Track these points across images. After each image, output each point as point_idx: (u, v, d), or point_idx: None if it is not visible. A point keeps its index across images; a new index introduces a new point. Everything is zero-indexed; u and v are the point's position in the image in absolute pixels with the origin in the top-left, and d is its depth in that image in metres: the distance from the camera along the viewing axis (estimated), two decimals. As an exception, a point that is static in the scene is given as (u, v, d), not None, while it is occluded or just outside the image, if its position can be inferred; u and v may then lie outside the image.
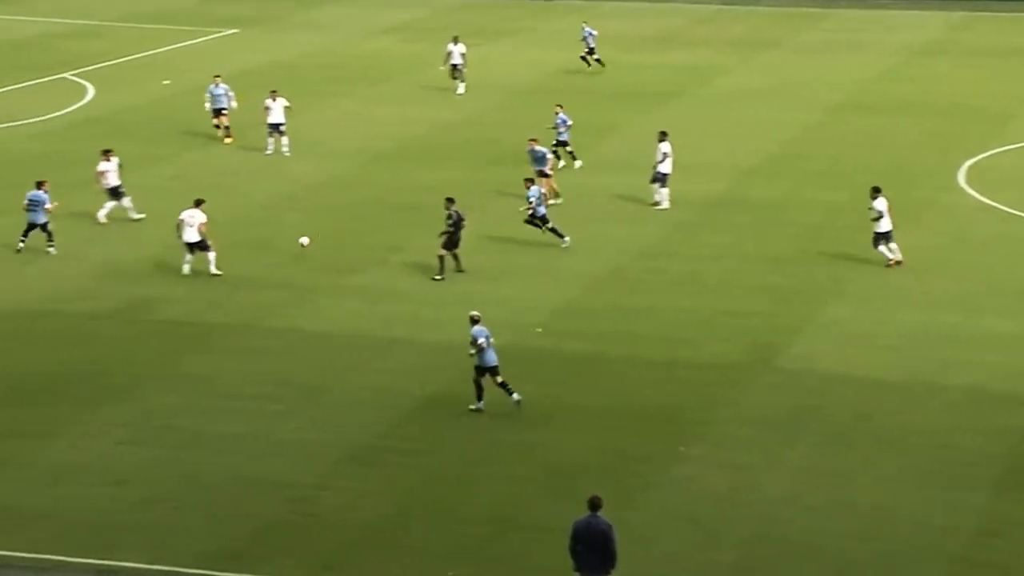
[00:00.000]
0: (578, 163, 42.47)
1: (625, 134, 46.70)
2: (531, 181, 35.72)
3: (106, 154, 37.92)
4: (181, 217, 33.34)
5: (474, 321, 26.62)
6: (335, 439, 25.37)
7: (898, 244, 34.01)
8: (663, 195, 38.95)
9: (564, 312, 31.63)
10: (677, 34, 65.57)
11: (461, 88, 51.94)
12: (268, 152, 43.42)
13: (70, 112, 48.93)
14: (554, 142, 41.87)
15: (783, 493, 23.70)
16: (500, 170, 42.11)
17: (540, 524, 22.46)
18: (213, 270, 33.10)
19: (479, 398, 26.40)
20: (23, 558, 21.36)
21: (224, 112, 44.95)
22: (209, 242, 33.10)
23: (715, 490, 23.76)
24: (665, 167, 38.94)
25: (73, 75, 54.58)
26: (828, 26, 66.64)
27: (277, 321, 30.79)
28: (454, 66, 52.16)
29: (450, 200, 33.14)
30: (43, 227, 34.85)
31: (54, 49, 59.65)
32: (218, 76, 45.86)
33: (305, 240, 33.41)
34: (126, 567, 21.25)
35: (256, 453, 24.80)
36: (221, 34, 63.73)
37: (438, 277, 32.69)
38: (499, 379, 26.42)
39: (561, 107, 42.80)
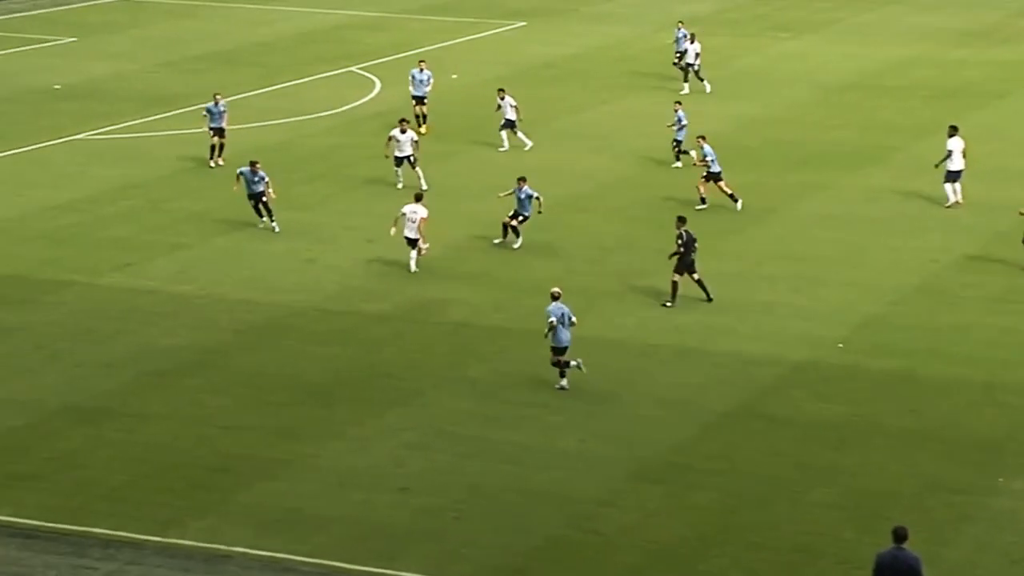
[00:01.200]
0: (677, 164, 42.25)
1: (944, 135, 45.38)
2: (523, 180, 35.40)
3: (401, 123, 39.92)
4: (403, 211, 33.97)
5: (554, 297, 27.64)
6: (623, 454, 25.41)
7: None
8: (955, 191, 38.17)
9: (870, 326, 30.96)
10: (999, 28, 63.44)
11: (686, 88, 51.21)
12: (502, 149, 43.94)
13: (357, 107, 50.44)
14: (673, 141, 41.98)
15: (1117, 536, 22.62)
16: (805, 172, 41.59)
17: (843, 555, 22.02)
18: (413, 267, 33.78)
19: (562, 375, 27.47)
20: (307, 563, 22.04)
21: (424, 100, 45.70)
22: (423, 242, 33.58)
23: (1038, 528, 22.86)
24: (954, 164, 37.96)
25: (360, 68, 56.29)
26: None
27: (564, 327, 31.02)
28: (688, 65, 51.25)
29: (681, 219, 32.39)
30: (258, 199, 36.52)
31: (343, 41, 61.69)
32: (423, 61, 46.54)
33: (424, 247, 33.57)
34: (407, 576, 21.77)
35: (540, 464, 25.04)
36: (510, 27, 64.72)
37: (669, 304, 31.97)
38: (560, 358, 27.34)
39: (680, 104, 42.32)
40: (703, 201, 38.43)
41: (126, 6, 71.19)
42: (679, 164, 42.33)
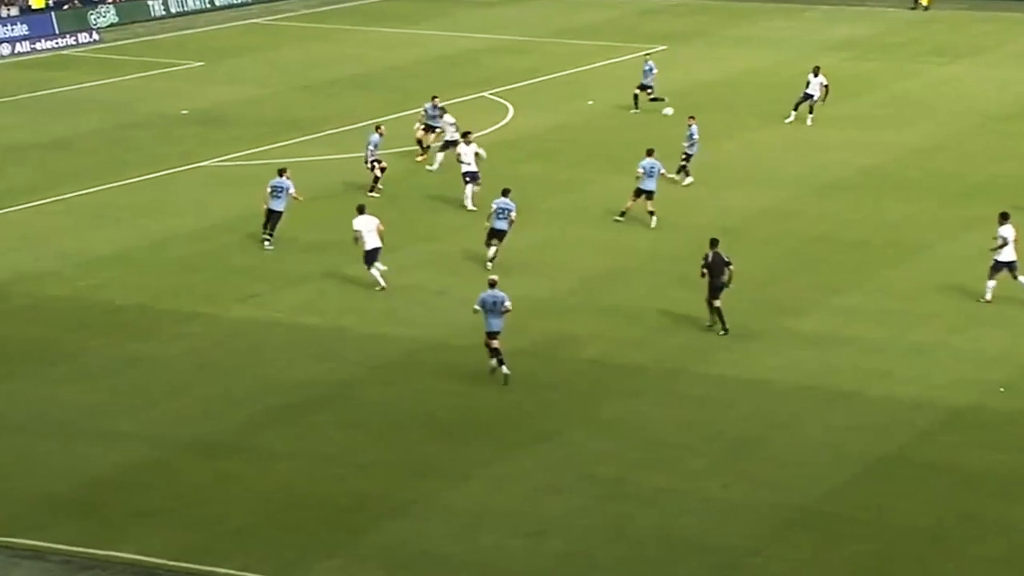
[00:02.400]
0: (688, 180, 42.63)
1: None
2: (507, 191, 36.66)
3: (465, 136, 41.76)
4: (357, 228, 34.84)
5: (491, 285, 30.14)
6: (770, 500, 25.12)
7: None
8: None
9: (1036, 370, 30.37)
10: None
11: (809, 121, 50.62)
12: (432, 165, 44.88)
13: (489, 133, 50.63)
14: (683, 154, 42.44)
15: None
16: (965, 205, 40.95)
17: (1009, 615, 21.57)
18: (382, 282, 34.85)
19: (500, 363, 29.76)
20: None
21: (437, 130, 46.05)
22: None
23: None
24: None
25: (493, 94, 56.58)
26: None
27: (706, 366, 30.81)
28: (807, 96, 50.50)
29: (713, 242, 32.42)
30: (277, 217, 38.21)
31: (477, 65, 62.08)
32: (435, 97, 47.26)
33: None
34: (542, 626, 21.69)
35: (681, 510, 24.85)
36: (650, 51, 64.68)
37: (707, 324, 32.27)
38: (494, 344, 29.60)
39: (694, 119, 42.66)
40: (651, 215, 39.30)
41: (256, 29, 72.43)
42: (689, 180, 42.96)
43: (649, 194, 39.13)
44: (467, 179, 41.37)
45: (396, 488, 25.70)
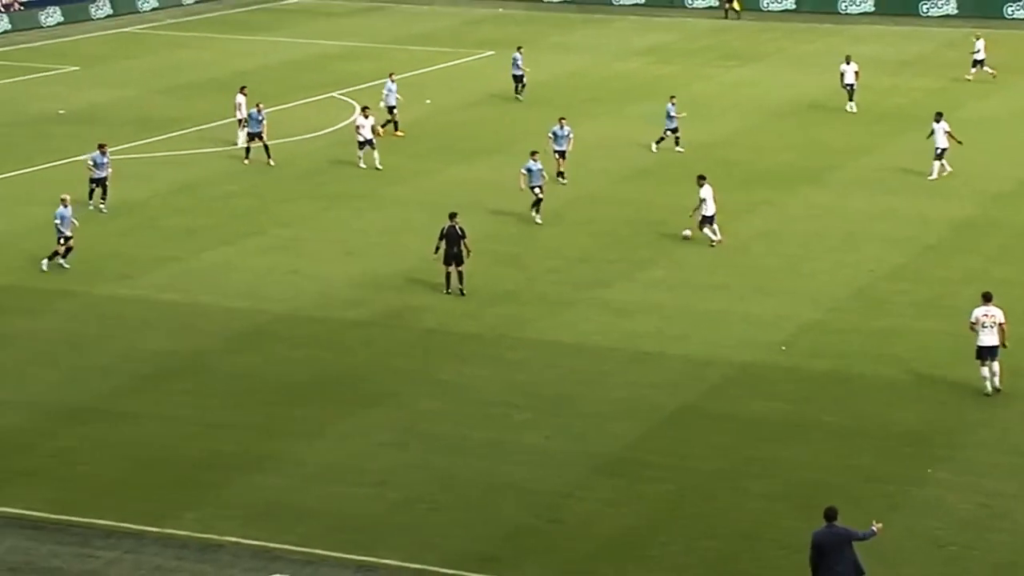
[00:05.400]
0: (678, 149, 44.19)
1: (878, 155, 45.75)
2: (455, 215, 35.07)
3: (364, 111, 43.58)
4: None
5: (64, 203, 34.16)
6: (582, 449, 25.46)
7: None
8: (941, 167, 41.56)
9: (809, 331, 31.11)
10: (928, 57, 63.87)
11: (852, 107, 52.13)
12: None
13: (338, 129, 50.39)
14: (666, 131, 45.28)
15: (1035, 522, 22.78)
16: (753, 189, 41.79)
17: (783, 540, 22.12)
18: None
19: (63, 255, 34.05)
20: (293, 551, 22.03)
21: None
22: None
23: (963, 515, 22.98)
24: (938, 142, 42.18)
25: (341, 94, 56.28)
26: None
27: (528, 333, 31.06)
28: (848, 86, 52.22)
29: (451, 215, 33.08)
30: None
31: (326, 70, 61.62)
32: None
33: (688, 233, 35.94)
34: (384, 564, 21.71)
35: (507, 460, 25.06)
36: (479, 56, 64.83)
37: (446, 290, 32.82)
38: (71, 245, 33.84)
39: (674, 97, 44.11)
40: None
41: (125, 37, 71.04)
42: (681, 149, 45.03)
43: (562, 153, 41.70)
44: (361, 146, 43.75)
45: (250, 446, 25.55)
